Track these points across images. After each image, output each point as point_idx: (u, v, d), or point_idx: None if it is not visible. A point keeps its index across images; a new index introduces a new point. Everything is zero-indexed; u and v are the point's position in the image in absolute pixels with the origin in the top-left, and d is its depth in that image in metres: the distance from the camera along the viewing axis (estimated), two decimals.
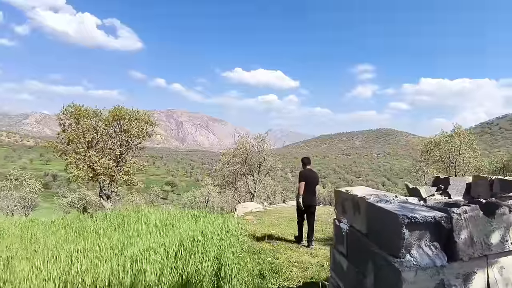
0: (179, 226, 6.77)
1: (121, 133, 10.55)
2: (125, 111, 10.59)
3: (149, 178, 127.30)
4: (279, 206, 16.79)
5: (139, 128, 10.58)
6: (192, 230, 6.25)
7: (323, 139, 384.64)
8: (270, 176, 20.16)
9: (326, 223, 9.93)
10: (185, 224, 6.80)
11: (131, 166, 10.56)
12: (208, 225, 7.01)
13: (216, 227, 7.04)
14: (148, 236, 5.60)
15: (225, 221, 8.10)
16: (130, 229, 6.35)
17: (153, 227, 6.53)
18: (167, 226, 6.76)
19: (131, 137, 10.58)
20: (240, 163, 17.67)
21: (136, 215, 8.37)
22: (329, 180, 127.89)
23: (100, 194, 10.47)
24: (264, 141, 17.44)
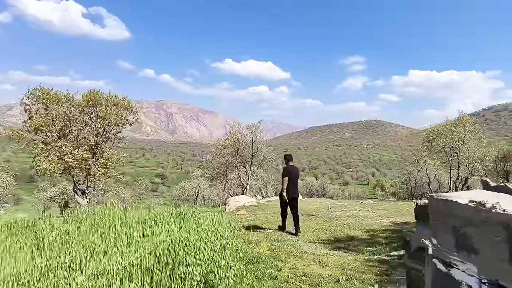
0: (159, 231, 5.69)
1: (97, 121, 9.33)
2: (101, 96, 9.33)
3: (139, 171, 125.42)
4: (272, 199, 15.84)
5: (117, 115, 9.36)
6: (174, 238, 5.21)
7: (314, 130, 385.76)
8: (263, 168, 19.15)
9: (328, 219, 8.98)
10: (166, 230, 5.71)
11: (109, 158, 9.36)
12: (195, 228, 5.95)
13: (204, 229, 5.99)
14: (118, 243, 4.53)
15: (215, 220, 7.03)
16: (98, 234, 5.24)
17: (125, 233, 5.43)
18: (145, 231, 5.67)
19: (109, 125, 9.37)
20: (231, 154, 16.60)
21: (111, 215, 7.25)
22: (320, 171, 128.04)
23: (74, 190, 9.28)
24: (257, 130, 16.37)
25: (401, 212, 10.28)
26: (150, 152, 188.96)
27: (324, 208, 12.10)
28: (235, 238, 6.50)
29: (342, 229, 7.18)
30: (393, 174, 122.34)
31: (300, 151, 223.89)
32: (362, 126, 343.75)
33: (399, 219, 8.70)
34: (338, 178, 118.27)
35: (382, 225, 7.64)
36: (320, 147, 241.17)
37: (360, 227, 7.42)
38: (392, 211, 10.40)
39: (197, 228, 6.39)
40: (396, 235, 6.29)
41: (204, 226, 6.47)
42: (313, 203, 14.21)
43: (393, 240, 5.96)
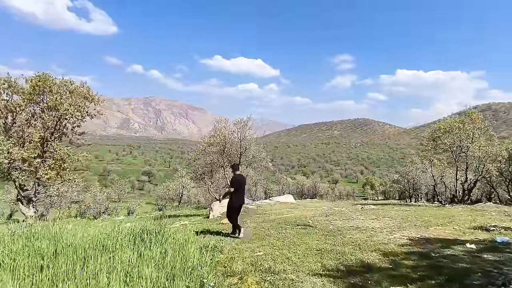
0: (107, 263, 4.03)
1: (44, 112, 7.55)
2: (52, 82, 7.53)
3: (125, 168, 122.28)
4: (263, 203, 14.28)
5: (73, 105, 7.60)
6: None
7: (303, 128, 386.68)
8: (252, 167, 17.55)
9: (329, 233, 7.44)
10: (118, 261, 4.08)
11: (62, 158, 7.61)
12: (151, 261, 4.32)
13: (170, 261, 4.38)
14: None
15: (185, 245, 5.41)
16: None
17: (52, 271, 3.75)
18: (86, 264, 4.00)
19: (62, 118, 7.60)
20: (217, 153, 14.93)
21: (42, 238, 5.52)
22: (309, 169, 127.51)
23: (18, 197, 7.50)
24: (246, 127, 14.74)
25: (410, 221, 8.87)
26: (138, 149, 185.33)
27: (321, 215, 10.61)
28: (213, 267, 4.89)
29: (352, 251, 5.65)
30: (381, 172, 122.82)
31: (289, 148, 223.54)
32: (351, 125, 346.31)
33: (414, 232, 7.26)
34: (328, 176, 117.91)
35: (398, 243, 6.15)
36: (310, 145, 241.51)
37: (373, 247, 5.92)
38: (400, 220, 8.98)
39: (162, 254, 4.76)
40: (427, 264, 4.79)
41: (168, 260, 4.79)
42: (308, 208, 12.71)
43: (424, 271, 4.47)
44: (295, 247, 6.10)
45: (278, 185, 38.09)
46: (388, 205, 14.01)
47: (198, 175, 15.67)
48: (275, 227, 8.54)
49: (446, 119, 15.25)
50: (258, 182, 33.21)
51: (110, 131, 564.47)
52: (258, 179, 33.89)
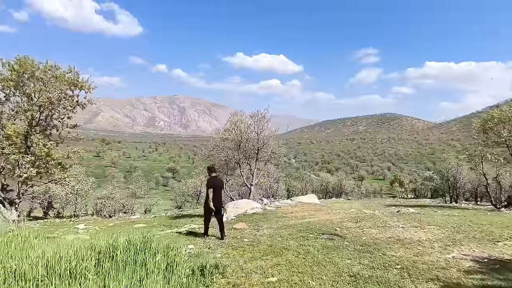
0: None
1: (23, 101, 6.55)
2: (33, 66, 6.49)
3: (151, 165, 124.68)
4: (283, 204, 12.84)
5: (61, 92, 6.53)
6: None
7: (327, 124, 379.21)
8: (273, 163, 16.12)
9: (363, 247, 5.87)
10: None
11: (48, 154, 6.56)
12: None
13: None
14: None
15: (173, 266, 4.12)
16: None
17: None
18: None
19: (44, 108, 6.56)
20: (233, 148, 13.64)
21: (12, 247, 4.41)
22: (334, 166, 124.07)
23: (1, 198, 6.56)
24: (264, 119, 13.32)
25: (465, 231, 7.12)
26: (163, 146, 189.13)
27: (351, 220, 9.02)
28: None
29: (399, 279, 4.13)
30: (409, 169, 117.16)
31: (313, 145, 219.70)
32: (377, 120, 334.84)
33: (477, 249, 5.58)
34: (353, 173, 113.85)
35: (462, 268, 4.54)
36: (334, 141, 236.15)
37: (428, 272, 4.35)
38: (451, 230, 7.25)
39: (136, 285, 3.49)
40: None
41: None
42: (334, 211, 11.12)
43: None
44: (320, 269, 4.65)
45: (301, 182, 36.39)
46: (427, 207, 12.13)
47: None
48: (295, 236, 7.10)
49: (493, 110, 12.98)
50: (280, 179, 31.78)
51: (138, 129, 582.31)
52: (280, 176, 32.44)
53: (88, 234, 11.94)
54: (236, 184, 15.99)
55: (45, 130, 6.95)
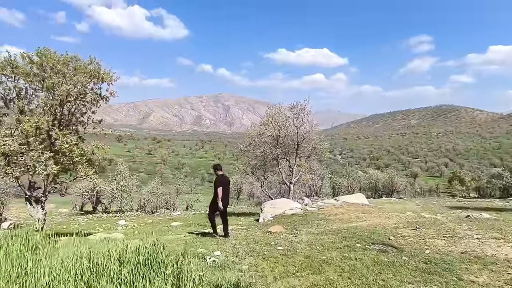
0: None
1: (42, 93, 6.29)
2: (53, 57, 6.18)
3: (198, 162, 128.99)
4: (326, 204, 11.60)
5: (82, 85, 6.13)
6: None
7: (375, 118, 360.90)
8: (314, 159, 14.86)
9: (429, 268, 4.54)
10: None
11: (71, 150, 6.22)
12: None
13: None
14: None
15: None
16: None
17: None
18: None
19: (64, 101, 6.22)
20: (270, 143, 12.70)
21: None
22: (383, 162, 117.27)
23: (27, 196, 6.38)
24: (304, 111, 12.17)
25: None
26: (209, 143, 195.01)
27: (407, 225, 7.58)
28: None
29: None
30: (471, 165, 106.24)
31: (360, 140, 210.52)
32: (431, 112, 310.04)
33: None
34: (405, 170, 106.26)
35: None
36: (383, 136, 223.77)
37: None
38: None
39: None
40: None
41: None
42: (386, 214, 9.64)
43: None
44: None
45: (348, 179, 34.27)
46: (504, 212, 10.06)
47: (249, 169, 13.68)
48: (338, 246, 5.95)
49: None
50: (324, 176, 30.21)
51: (185, 127, 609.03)
52: (324, 173, 30.83)
53: (126, 231, 11.91)
54: (275, 182, 15.04)
55: (68, 125, 6.63)
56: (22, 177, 6.44)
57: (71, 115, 6.66)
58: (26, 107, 6.15)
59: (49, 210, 23.46)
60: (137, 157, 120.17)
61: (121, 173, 20.63)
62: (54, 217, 18.62)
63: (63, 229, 13.18)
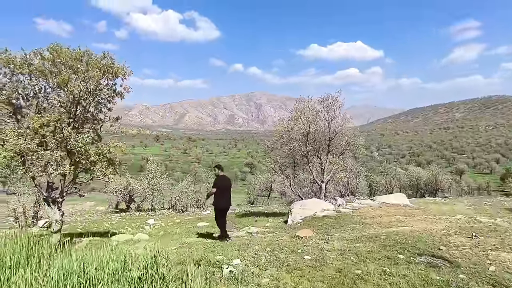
0: None
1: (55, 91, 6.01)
2: (64, 52, 5.91)
3: (231, 160, 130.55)
4: (363, 205, 10.57)
5: (94, 78, 5.81)
6: None
7: (414, 112, 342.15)
8: (349, 155, 13.79)
9: None
10: None
11: (86, 150, 5.90)
12: None
13: None
14: None
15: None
16: None
17: None
18: None
19: (75, 98, 5.92)
20: (299, 140, 11.90)
21: None
22: (424, 158, 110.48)
23: (45, 197, 6.21)
24: (336, 103, 11.21)
25: None
26: (242, 142, 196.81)
27: (460, 232, 6.45)
28: None
29: None
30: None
31: (398, 136, 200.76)
32: (479, 104, 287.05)
33: None
34: (449, 166, 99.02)
35: None
36: (424, 131, 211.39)
37: None
38: None
39: None
40: None
41: None
42: (433, 217, 8.44)
43: None
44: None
45: (386, 177, 32.23)
46: None
47: (277, 168, 12.94)
48: (377, 257, 5.07)
49: None
50: (360, 174, 28.65)
51: (219, 126, 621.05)
52: (360, 170, 29.24)
53: (152, 230, 11.76)
54: (305, 180, 14.17)
55: (84, 123, 6.37)
56: (42, 178, 6.25)
57: (85, 112, 6.39)
58: (45, 105, 5.93)
59: (87, 208, 24.49)
60: (173, 156, 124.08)
61: (152, 171, 20.84)
62: (91, 215, 19.21)
63: (94, 228, 13.38)
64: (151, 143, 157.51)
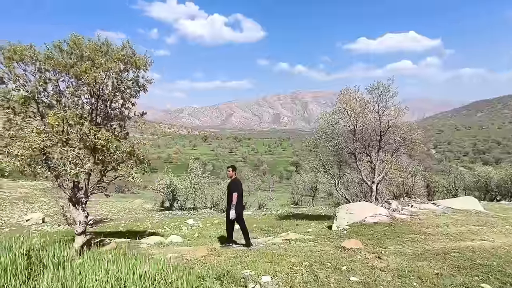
0: None
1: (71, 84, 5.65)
2: (82, 43, 5.49)
3: (276, 159, 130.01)
4: (422, 210, 9.00)
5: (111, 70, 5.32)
6: None
7: (479, 105, 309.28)
8: (404, 152, 12.12)
9: None
10: None
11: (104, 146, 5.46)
12: None
13: None
14: None
15: None
16: None
17: None
18: None
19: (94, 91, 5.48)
20: (345, 135, 10.63)
21: None
22: (492, 156, 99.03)
23: (70, 197, 5.93)
24: (388, 92, 9.75)
25: None
26: (288, 141, 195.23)
27: None
28: None
29: None
30: None
31: (459, 131, 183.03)
32: None
33: None
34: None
35: None
36: (490, 126, 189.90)
37: None
38: None
39: None
40: None
41: None
42: None
43: None
44: None
45: (447, 177, 28.88)
46: None
47: (320, 166, 11.73)
48: (450, 284, 3.81)
49: None
50: (417, 174, 25.92)
51: (264, 126, 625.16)
52: (417, 169, 26.51)
53: (188, 232, 11.35)
54: (353, 181, 12.74)
55: (105, 119, 5.96)
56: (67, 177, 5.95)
57: (108, 107, 5.97)
58: (70, 101, 5.61)
59: (136, 206, 25.42)
60: (220, 155, 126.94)
61: (193, 170, 20.81)
62: (137, 212, 19.69)
63: (135, 227, 13.43)
64: (199, 143, 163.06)
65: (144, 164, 6.99)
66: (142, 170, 6.93)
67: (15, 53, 5.44)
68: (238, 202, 6.57)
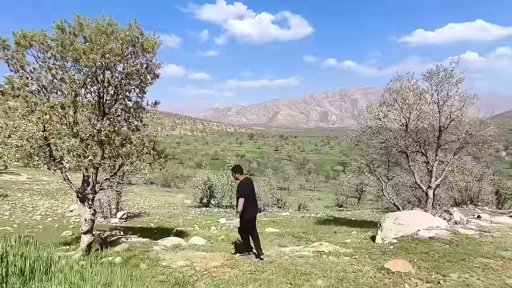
0: None
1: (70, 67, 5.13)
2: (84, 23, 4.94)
3: (323, 158, 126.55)
4: (496, 225, 7.19)
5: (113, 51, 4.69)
6: None
7: None
8: (469, 152, 10.21)
9: None
10: None
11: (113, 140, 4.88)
12: None
13: None
14: None
15: None
16: None
17: None
18: None
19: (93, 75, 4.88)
20: (395, 130, 9.09)
21: None
22: None
23: (78, 194, 5.49)
24: (451, 78, 8.02)
25: None
26: (335, 139, 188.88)
27: None
28: None
29: None
30: None
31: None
32: None
33: None
34: None
35: None
36: None
37: None
38: None
39: None
40: None
41: None
42: None
43: None
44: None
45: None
46: None
47: (364, 166, 10.21)
48: None
49: None
50: (483, 177, 22.57)
51: (311, 124, 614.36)
52: (485, 173, 23.08)
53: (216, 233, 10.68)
54: (404, 184, 10.99)
55: (111, 108, 5.40)
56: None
57: (113, 96, 5.39)
58: (69, 88, 5.14)
59: (177, 201, 25.75)
60: (265, 153, 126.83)
61: (230, 167, 20.30)
62: (175, 208, 19.71)
63: (166, 223, 13.17)
64: (245, 140, 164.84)
65: (162, 159, 6.37)
66: (160, 166, 6.31)
67: (24, 38, 5.10)
68: (248, 206, 5.77)
